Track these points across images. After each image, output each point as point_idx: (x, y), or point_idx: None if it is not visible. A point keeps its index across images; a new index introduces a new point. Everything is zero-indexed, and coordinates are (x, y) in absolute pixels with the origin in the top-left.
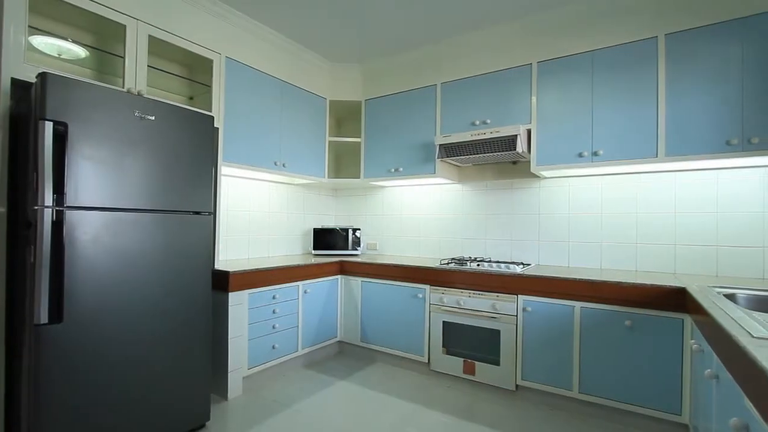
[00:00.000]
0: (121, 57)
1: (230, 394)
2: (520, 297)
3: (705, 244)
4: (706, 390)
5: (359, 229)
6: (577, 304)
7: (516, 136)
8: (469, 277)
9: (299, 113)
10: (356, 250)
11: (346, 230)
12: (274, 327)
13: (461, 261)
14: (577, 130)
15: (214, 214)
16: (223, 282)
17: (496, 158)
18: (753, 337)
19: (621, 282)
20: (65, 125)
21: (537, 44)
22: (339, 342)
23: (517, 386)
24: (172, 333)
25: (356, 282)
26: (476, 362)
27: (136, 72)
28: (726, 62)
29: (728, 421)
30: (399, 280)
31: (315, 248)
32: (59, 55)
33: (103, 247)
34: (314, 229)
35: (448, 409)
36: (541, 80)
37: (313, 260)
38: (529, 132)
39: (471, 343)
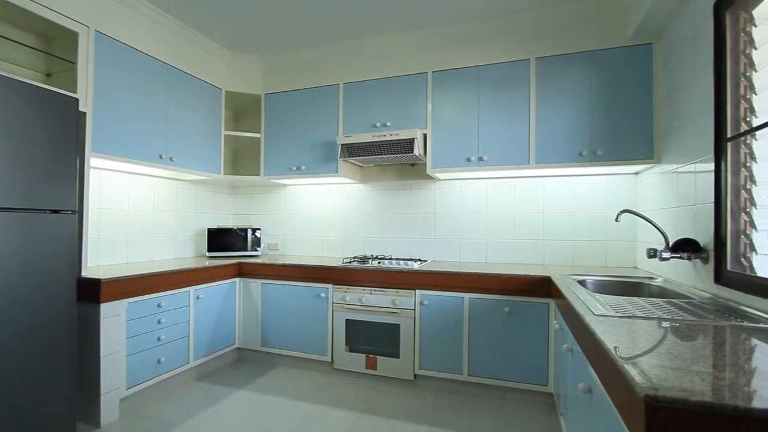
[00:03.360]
0: None
1: (104, 420)
2: (418, 291)
3: (565, 239)
4: (564, 362)
5: (259, 229)
6: (467, 296)
7: (414, 139)
8: (370, 275)
9: (190, 102)
10: (256, 250)
11: (244, 230)
12: (159, 339)
13: (363, 259)
14: (466, 137)
15: (79, 212)
16: (92, 292)
17: (396, 160)
18: (594, 314)
19: (501, 274)
20: None
21: (432, 55)
22: (237, 349)
23: (415, 376)
24: (25, 355)
25: (256, 284)
26: (378, 357)
27: None
28: (579, 86)
29: (578, 386)
30: (301, 281)
31: (210, 250)
32: None
33: None
34: (209, 229)
35: (350, 406)
36: (436, 88)
37: (208, 263)
38: (425, 136)
39: (373, 339)
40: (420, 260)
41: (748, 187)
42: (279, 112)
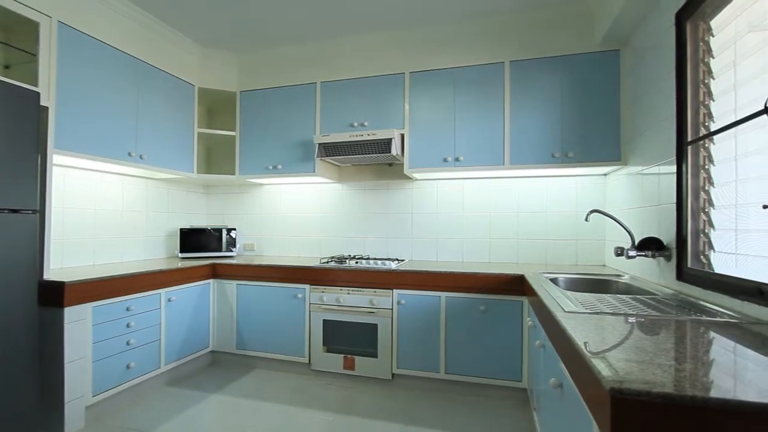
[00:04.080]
0: None
1: (68, 429)
2: (395, 291)
3: (538, 239)
4: (537, 358)
5: (234, 229)
6: (443, 294)
7: (391, 139)
8: (348, 275)
9: (161, 99)
10: (231, 251)
11: (219, 230)
12: (128, 343)
13: (341, 259)
14: (443, 138)
15: (41, 212)
16: (56, 295)
17: (374, 159)
18: (565, 311)
19: (476, 273)
20: None
21: (410, 55)
22: (212, 352)
23: (393, 375)
24: None
25: (231, 286)
26: (356, 357)
27: None
28: (551, 90)
29: (549, 381)
30: (278, 281)
31: (182, 251)
32: None
33: None
34: (181, 229)
35: (327, 407)
36: (413, 89)
37: (180, 264)
38: (402, 136)
39: (351, 339)
40: (398, 260)
41: (706, 188)
42: (255, 110)
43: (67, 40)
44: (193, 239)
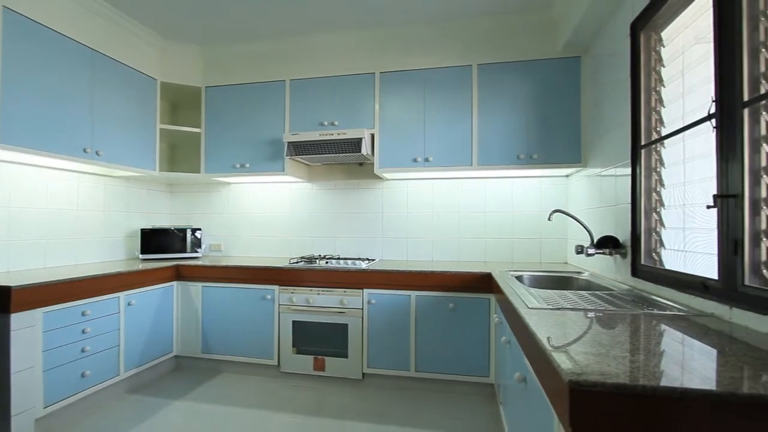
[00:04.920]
0: None
1: None
2: (366, 291)
3: (505, 237)
4: (503, 353)
5: (200, 229)
6: (413, 293)
7: (361, 139)
8: (318, 275)
9: (120, 93)
10: (196, 252)
11: (183, 230)
12: (84, 350)
13: (311, 259)
14: (413, 138)
15: None
16: (1, 301)
17: (344, 159)
18: (528, 307)
19: (446, 271)
20: None
21: (380, 55)
22: (176, 357)
23: (363, 375)
24: None
25: (196, 288)
26: (326, 358)
27: None
28: (517, 93)
29: (514, 375)
30: (246, 282)
31: (143, 252)
32: None
33: None
34: (142, 229)
35: (297, 409)
36: (384, 89)
37: (141, 266)
38: (373, 136)
39: (321, 340)
40: (368, 259)
41: (658, 189)
42: (221, 107)
43: (13, 26)
44: (154, 240)
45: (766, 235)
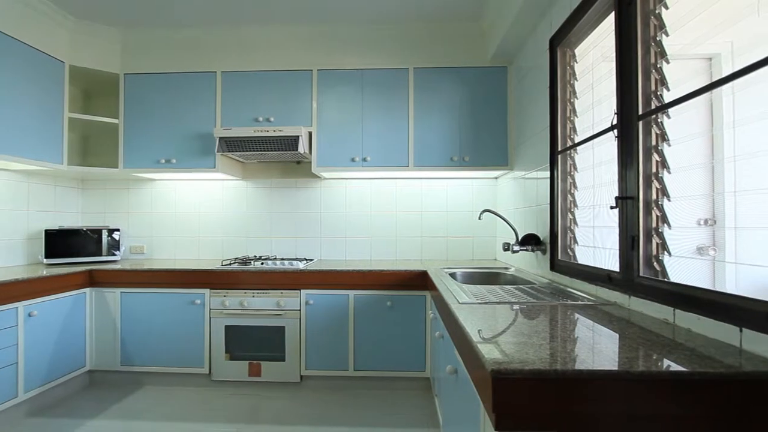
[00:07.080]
0: None
1: None
2: (303, 291)
3: (440, 236)
4: (437, 348)
5: (118, 230)
6: (351, 293)
7: (298, 136)
8: (253, 277)
9: (18, 75)
10: (114, 255)
11: (97, 231)
12: None
13: (245, 260)
14: (351, 138)
15: None
16: None
17: (280, 156)
18: (459, 303)
19: (383, 270)
20: None
21: (319, 53)
22: (89, 372)
23: (301, 377)
24: None
25: (113, 294)
26: (262, 362)
27: None
28: (450, 98)
29: (446, 368)
30: (172, 287)
31: (48, 256)
32: None
33: None
34: (46, 231)
35: (231, 418)
36: (321, 87)
37: (45, 272)
38: (310, 134)
39: (256, 344)
40: (306, 259)
41: (572, 191)
42: (143, 96)
43: None
44: (62, 242)
45: (656, 232)
